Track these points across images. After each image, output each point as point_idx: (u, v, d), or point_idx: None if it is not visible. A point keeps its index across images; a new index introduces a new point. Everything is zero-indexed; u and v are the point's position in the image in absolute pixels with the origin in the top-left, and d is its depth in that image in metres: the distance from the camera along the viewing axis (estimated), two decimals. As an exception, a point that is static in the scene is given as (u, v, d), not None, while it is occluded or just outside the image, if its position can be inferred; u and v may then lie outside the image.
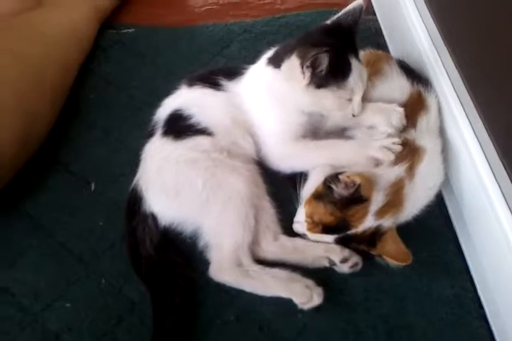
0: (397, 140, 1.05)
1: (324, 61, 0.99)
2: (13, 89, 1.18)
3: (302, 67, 1.02)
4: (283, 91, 1.08)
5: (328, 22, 1.09)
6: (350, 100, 1.06)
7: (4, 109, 1.14)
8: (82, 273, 1.05)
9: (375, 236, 1.00)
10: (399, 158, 1.04)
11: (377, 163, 1.04)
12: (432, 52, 1.20)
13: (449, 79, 1.13)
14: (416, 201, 1.05)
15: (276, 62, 1.09)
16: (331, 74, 1.01)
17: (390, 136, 1.07)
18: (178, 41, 1.59)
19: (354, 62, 1.04)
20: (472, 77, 1.07)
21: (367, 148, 1.06)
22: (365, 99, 1.10)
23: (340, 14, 1.08)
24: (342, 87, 1.04)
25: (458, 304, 1.00)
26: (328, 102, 1.06)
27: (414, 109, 1.11)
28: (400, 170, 1.03)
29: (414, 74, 1.18)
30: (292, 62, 1.04)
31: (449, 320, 0.98)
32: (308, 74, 1.02)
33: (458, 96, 1.09)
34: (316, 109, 1.08)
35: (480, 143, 1.00)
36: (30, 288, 1.03)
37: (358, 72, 1.05)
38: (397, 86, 1.15)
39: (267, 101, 1.11)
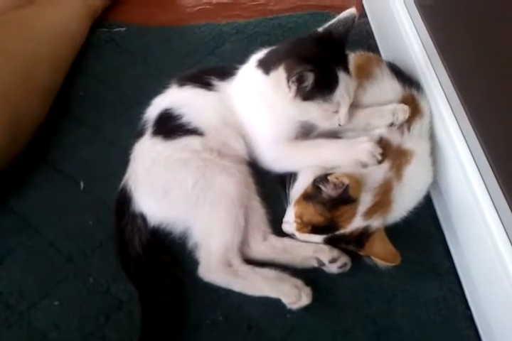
0: (381, 151, 1.05)
1: (309, 78, 0.98)
2: (1, 86, 1.18)
3: (288, 81, 1.01)
4: (271, 98, 1.07)
5: (320, 29, 1.07)
6: (336, 112, 1.06)
7: None
8: (70, 272, 1.05)
9: (363, 236, 1.00)
10: (386, 160, 1.05)
11: (364, 165, 1.05)
12: (423, 56, 1.21)
13: (440, 83, 1.13)
14: (404, 202, 1.05)
15: (265, 68, 1.07)
16: (317, 89, 1.01)
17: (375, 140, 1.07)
18: (169, 40, 1.60)
19: (341, 76, 1.03)
20: (462, 81, 1.08)
21: (354, 152, 1.06)
22: (357, 103, 1.11)
23: (332, 22, 1.06)
24: (328, 101, 1.03)
25: (445, 305, 1.00)
26: (314, 114, 1.06)
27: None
28: (388, 172, 1.04)
29: (406, 78, 1.19)
30: (279, 74, 1.03)
31: (437, 321, 0.98)
32: (294, 88, 1.01)
33: (447, 99, 1.10)
34: (303, 119, 1.08)
35: (468, 146, 1.01)
36: (18, 286, 1.03)
37: (344, 85, 1.03)
38: (389, 88, 1.15)
39: (258, 105, 1.11)
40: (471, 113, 1.03)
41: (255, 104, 1.11)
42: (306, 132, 1.12)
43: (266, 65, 1.07)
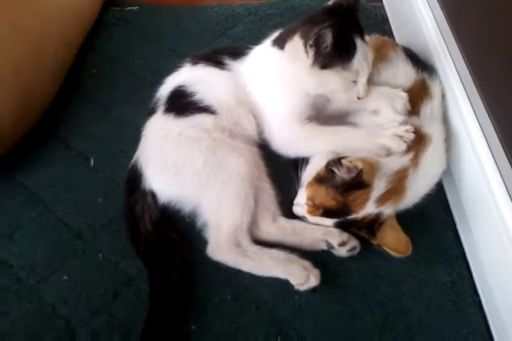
0: (409, 127, 1.03)
1: (328, 37, 0.97)
2: (12, 62, 1.17)
3: (306, 47, 1.00)
4: (288, 72, 1.06)
5: (330, 3, 1.07)
6: (355, 82, 1.05)
7: (1, 81, 1.13)
8: (79, 248, 1.05)
9: (374, 223, 1.00)
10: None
11: (389, 152, 1.03)
12: (438, 38, 1.20)
13: (455, 66, 1.13)
14: (418, 189, 1.04)
15: (280, 43, 1.07)
16: (335, 52, 0.99)
17: (401, 124, 1.05)
18: (181, 20, 1.59)
19: (359, 42, 1.02)
20: (477, 65, 1.07)
21: (378, 136, 1.04)
22: (370, 83, 1.09)
23: None
24: (347, 69, 1.02)
25: (454, 291, 1.00)
26: (333, 84, 1.04)
27: (417, 96, 1.10)
28: (406, 159, 1.03)
29: (419, 62, 1.18)
30: (295, 43, 1.03)
31: (445, 306, 0.98)
32: (311, 53, 1.00)
33: (462, 83, 1.09)
34: (321, 91, 1.07)
35: (483, 131, 1.00)
36: (28, 260, 1.03)
37: (363, 52, 1.03)
38: (402, 72, 1.14)
39: (272, 83, 1.10)
40: (485, 97, 1.02)
41: (269, 82, 1.10)
42: (316, 113, 1.11)
43: (280, 41, 1.07)
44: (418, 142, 1.04)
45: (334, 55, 1.00)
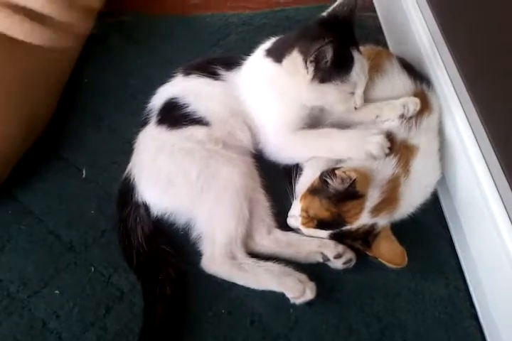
0: (389, 144, 1.03)
1: (328, 53, 0.97)
2: (21, 76, 1.16)
3: (305, 63, 1.00)
4: (285, 85, 1.06)
5: (324, 14, 1.07)
6: (352, 93, 1.05)
7: (11, 103, 1.13)
8: (71, 261, 1.04)
9: (369, 234, 0.99)
10: (394, 155, 1.03)
11: (372, 157, 1.03)
12: (432, 50, 1.19)
13: (448, 76, 1.12)
14: (412, 199, 1.04)
15: (276, 56, 1.07)
16: (334, 67, 1.00)
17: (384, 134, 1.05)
18: (175, 30, 1.57)
19: (356, 55, 1.03)
20: (471, 74, 1.07)
21: (364, 141, 1.04)
22: (366, 96, 1.09)
23: (335, 5, 1.06)
24: (345, 81, 1.02)
25: (451, 303, 0.99)
26: (332, 97, 1.05)
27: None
28: (396, 167, 1.02)
29: (416, 73, 1.17)
30: (294, 58, 1.02)
31: (442, 318, 0.97)
32: (311, 68, 1.00)
33: (456, 93, 1.09)
34: (319, 103, 1.07)
35: (477, 141, 1.00)
36: (18, 273, 1.02)
37: (360, 64, 1.03)
38: (399, 83, 1.13)
39: (268, 94, 1.09)
40: (479, 105, 1.02)
41: (264, 93, 1.10)
42: (312, 124, 1.11)
43: (276, 54, 1.07)
44: (407, 151, 1.04)
45: (333, 69, 1.00)
